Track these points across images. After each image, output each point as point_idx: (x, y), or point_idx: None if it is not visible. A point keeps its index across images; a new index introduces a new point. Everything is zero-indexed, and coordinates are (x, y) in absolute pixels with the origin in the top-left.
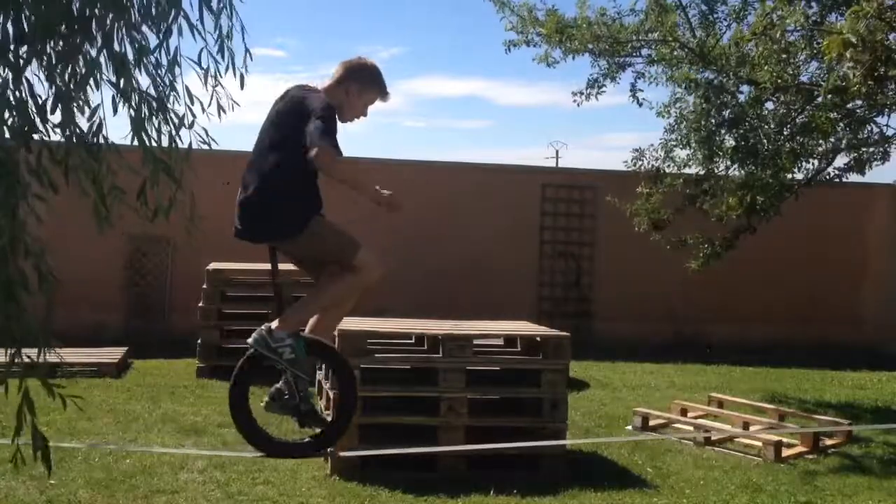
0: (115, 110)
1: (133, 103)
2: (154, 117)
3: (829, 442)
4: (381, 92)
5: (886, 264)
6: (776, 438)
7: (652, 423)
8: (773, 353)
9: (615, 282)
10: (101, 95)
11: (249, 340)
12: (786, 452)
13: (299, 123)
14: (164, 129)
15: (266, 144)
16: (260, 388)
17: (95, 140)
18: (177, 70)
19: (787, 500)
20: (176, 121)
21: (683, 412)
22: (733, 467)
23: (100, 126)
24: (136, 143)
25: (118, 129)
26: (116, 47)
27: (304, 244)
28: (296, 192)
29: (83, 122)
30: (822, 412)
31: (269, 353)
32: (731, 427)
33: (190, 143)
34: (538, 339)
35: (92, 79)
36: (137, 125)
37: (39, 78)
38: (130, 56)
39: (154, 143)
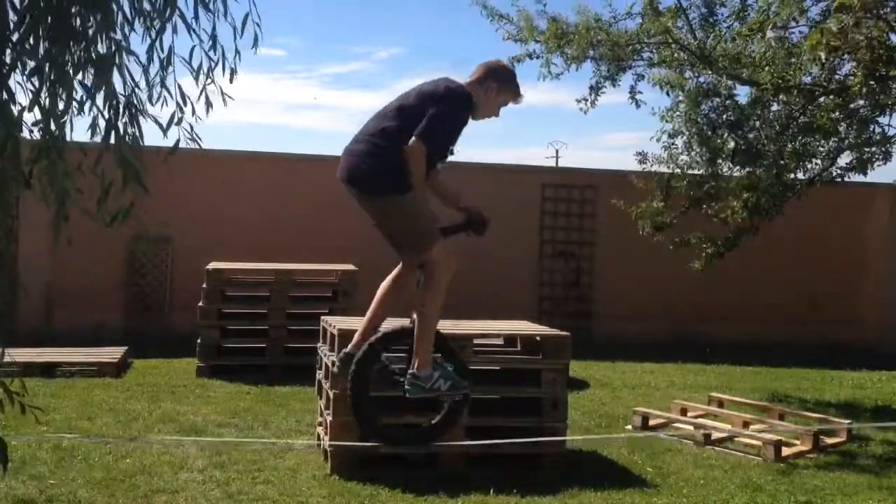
0: (81, 109)
1: (108, 104)
2: (124, 117)
3: (828, 441)
4: (516, 93)
5: (886, 264)
6: (776, 438)
7: (652, 422)
8: (773, 353)
9: (615, 282)
10: (72, 95)
11: (407, 395)
12: (786, 452)
13: (428, 102)
14: (130, 128)
15: (394, 107)
16: (257, 387)
17: (60, 139)
18: (169, 68)
19: (786, 499)
20: (160, 128)
21: (683, 412)
22: (733, 467)
23: (68, 125)
24: (106, 142)
25: (81, 129)
26: (100, 49)
27: (392, 211)
28: (398, 158)
29: (52, 124)
30: (822, 412)
31: (428, 395)
32: (731, 427)
33: (177, 141)
34: (538, 338)
35: (67, 80)
36: (108, 127)
37: (20, 82)
38: (106, 57)
39: (126, 142)
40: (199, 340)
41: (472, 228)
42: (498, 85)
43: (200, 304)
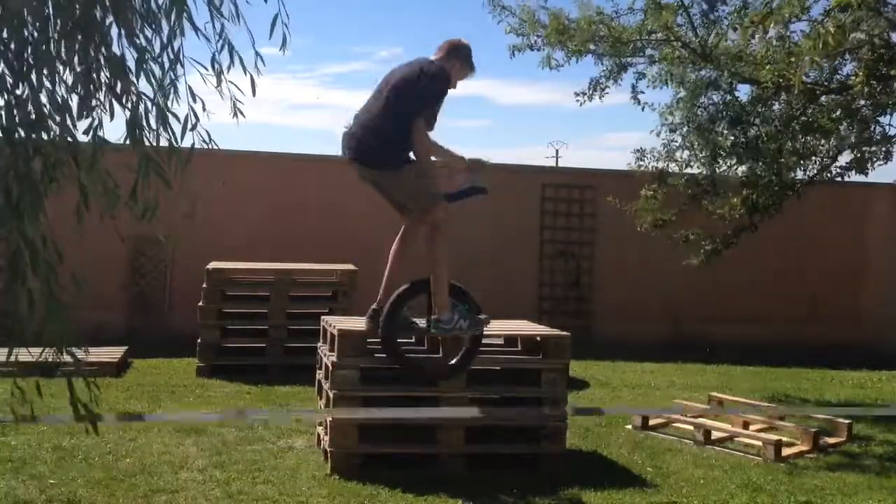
0: (112, 115)
1: (129, 105)
2: (151, 119)
3: (829, 441)
4: (472, 69)
5: (886, 264)
6: (776, 438)
7: (652, 422)
8: (773, 353)
9: (615, 282)
10: (101, 97)
11: (433, 331)
12: (786, 452)
13: (412, 87)
14: (162, 131)
15: (382, 90)
16: (257, 387)
17: (92, 140)
18: (179, 70)
19: (786, 499)
20: (178, 122)
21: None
22: (733, 467)
23: (98, 126)
24: (132, 138)
25: (118, 129)
26: (116, 50)
27: (397, 181)
28: (400, 137)
29: (81, 124)
30: (822, 412)
31: (453, 333)
32: (731, 426)
33: (192, 144)
34: (538, 338)
35: (91, 81)
36: (132, 127)
37: (51, 80)
38: (130, 60)
39: (149, 143)
40: (199, 340)
41: (474, 193)
42: (460, 62)
43: (200, 304)
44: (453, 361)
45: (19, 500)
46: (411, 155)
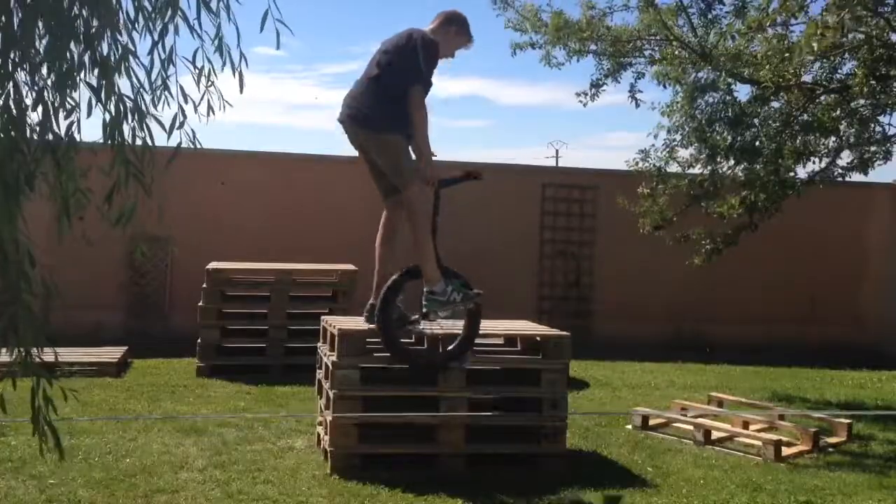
0: (90, 112)
1: (110, 106)
2: (131, 119)
3: (829, 441)
4: (469, 38)
5: (886, 264)
6: (776, 437)
7: (652, 422)
8: (773, 353)
9: (615, 282)
10: (78, 96)
11: (425, 310)
12: (786, 451)
13: (403, 53)
14: (139, 132)
15: (375, 62)
16: (257, 387)
17: (69, 140)
18: (171, 69)
19: (786, 499)
20: (161, 127)
21: (683, 412)
22: (733, 467)
23: (76, 126)
24: (111, 141)
25: (94, 129)
26: (103, 49)
27: (386, 146)
28: (390, 103)
29: (62, 123)
30: (822, 412)
31: (446, 308)
32: (731, 426)
33: (179, 144)
34: (538, 338)
35: (70, 80)
36: (112, 128)
37: (24, 80)
38: (113, 59)
39: (128, 144)
40: (199, 340)
41: (469, 178)
42: (456, 28)
43: (200, 304)
44: (451, 347)
45: (19, 500)
46: (404, 129)
